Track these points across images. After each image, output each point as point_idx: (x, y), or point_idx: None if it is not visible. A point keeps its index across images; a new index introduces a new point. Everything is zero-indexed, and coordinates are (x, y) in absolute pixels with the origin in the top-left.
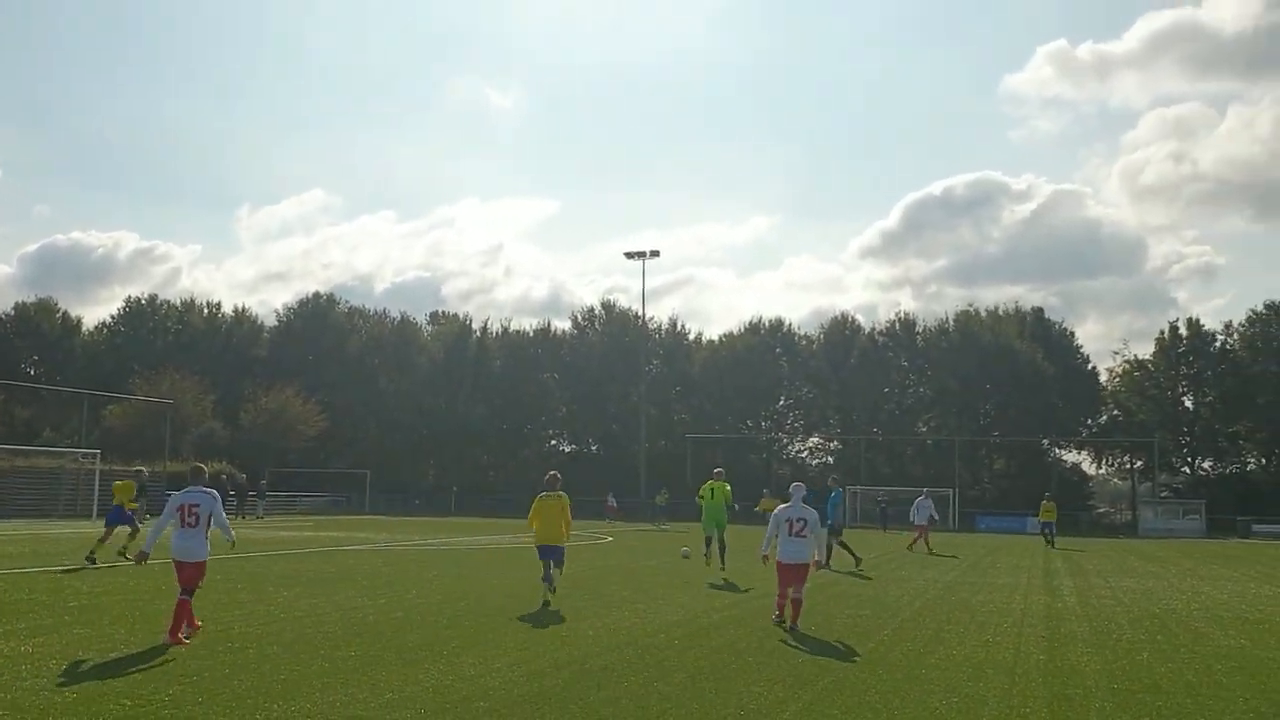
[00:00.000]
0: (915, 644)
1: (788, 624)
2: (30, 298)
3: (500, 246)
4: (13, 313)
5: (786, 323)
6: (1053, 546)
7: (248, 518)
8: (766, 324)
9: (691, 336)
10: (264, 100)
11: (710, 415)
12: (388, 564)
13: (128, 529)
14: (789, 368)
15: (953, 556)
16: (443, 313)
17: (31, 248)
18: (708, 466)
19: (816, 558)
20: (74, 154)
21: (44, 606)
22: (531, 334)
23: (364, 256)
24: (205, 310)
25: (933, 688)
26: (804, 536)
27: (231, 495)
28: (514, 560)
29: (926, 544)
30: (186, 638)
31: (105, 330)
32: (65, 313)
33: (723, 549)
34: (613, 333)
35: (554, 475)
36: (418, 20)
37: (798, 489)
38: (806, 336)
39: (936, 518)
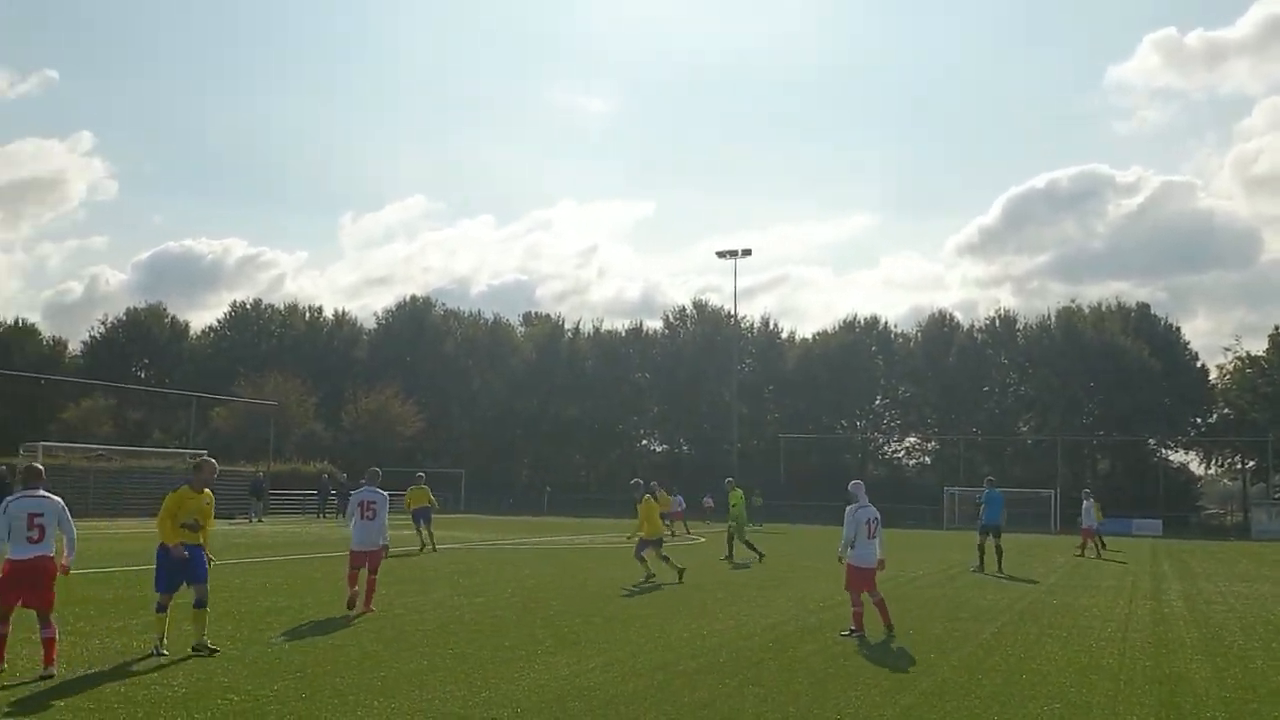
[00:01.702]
0: (1016, 648)
1: (883, 625)
2: (142, 304)
3: (595, 248)
4: (124, 318)
5: (883, 320)
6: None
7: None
8: (862, 321)
9: (785, 335)
10: (367, 110)
11: (804, 414)
12: (483, 563)
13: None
14: (885, 366)
15: (1119, 559)
16: (535, 314)
17: (144, 255)
18: (801, 466)
19: (881, 556)
20: (186, 165)
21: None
22: (623, 334)
23: (462, 260)
24: (307, 314)
25: (1035, 693)
26: (876, 537)
27: (333, 494)
28: (607, 560)
29: (1096, 546)
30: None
31: (212, 334)
32: (174, 317)
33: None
34: (704, 332)
35: (638, 482)
36: (514, 28)
37: (859, 486)
38: (904, 334)
39: (1094, 521)
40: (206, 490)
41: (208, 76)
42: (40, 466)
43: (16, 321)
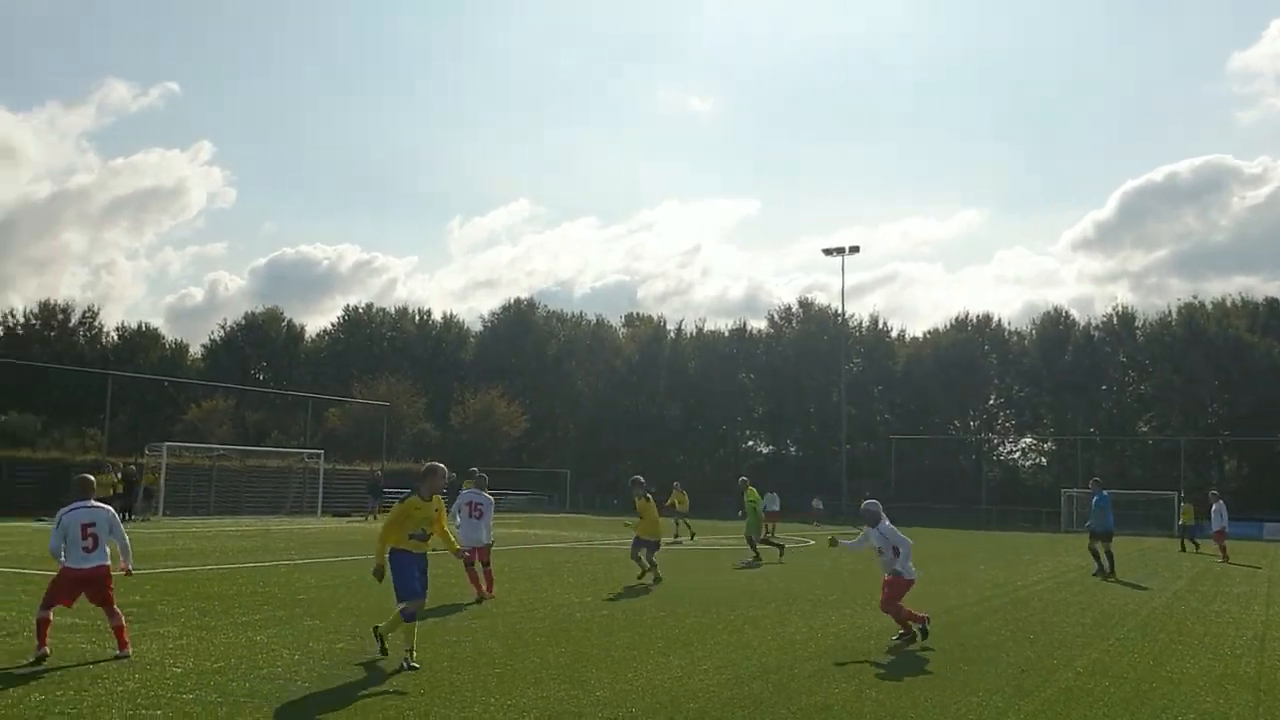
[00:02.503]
0: (1145, 655)
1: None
2: (259, 308)
3: (698, 248)
4: (243, 322)
5: (995, 318)
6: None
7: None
8: (974, 319)
9: (894, 334)
10: (475, 116)
11: (915, 415)
12: (593, 562)
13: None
14: (999, 364)
15: (1256, 563)
16: (638, 314)
17: (261, 261)
18: (912, 468)
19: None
20: (301, 173)
21: (276, 599)
22: (727, 334)
23: (566, 262)
24: (416, 317)
25: (1168, 702)
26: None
27: (444, 493)
28: (715, 561)
29: (1220, 550)
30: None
31: (326, 337)
32: (290, 321)
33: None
34: (811, 331)
35: (637, 480)
36: (620, 30)
37: (876, 506)
38: (1018, 332)
39: (1225, 523)
40: (436, 498)
41: (320, 86)
42: (91, 478)
43: (141, 326)
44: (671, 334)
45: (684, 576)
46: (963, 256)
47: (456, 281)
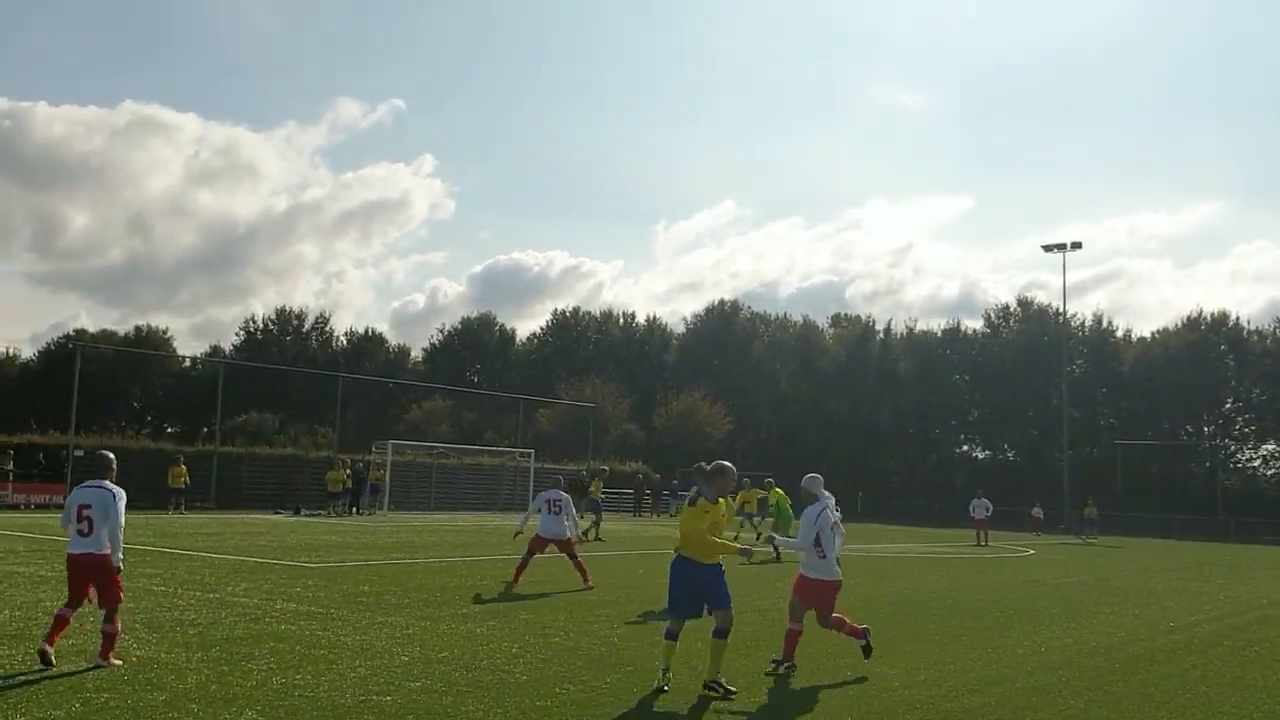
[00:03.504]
0: None
1: (861, 644)
2: (474, 313)
3: (909, 246)
4: (459, 326)
5: (1233, 316)
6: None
7: (661, 515)
8: (1209, 318)
9: (1119, 333)
10: (680, 119)
11: (1142, 420)
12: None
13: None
14: (1237, 366)
15: None
16: (845, 315)
17: (477, 269)
18: (1140, 475)
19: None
20: (514, 182)
21: (493, 593)
22: (939, 334)
23: (771, 263)
24: (621, 320)
25: None
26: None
27: (648, 494)
28: (929, 570)
29: None
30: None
31: (535, 340)
32: (503, 325)
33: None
34: (1030, 331)
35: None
36: (831, 28)
37: (816, 481)
38: (1258, 331)
39: None
40: (723, 500)
41: (530, 98)
42: (109, 455)
43: (367, 331)
44: (880, 334)
45: (896, 585)
46: (1195, 251)
47: (661, 284)
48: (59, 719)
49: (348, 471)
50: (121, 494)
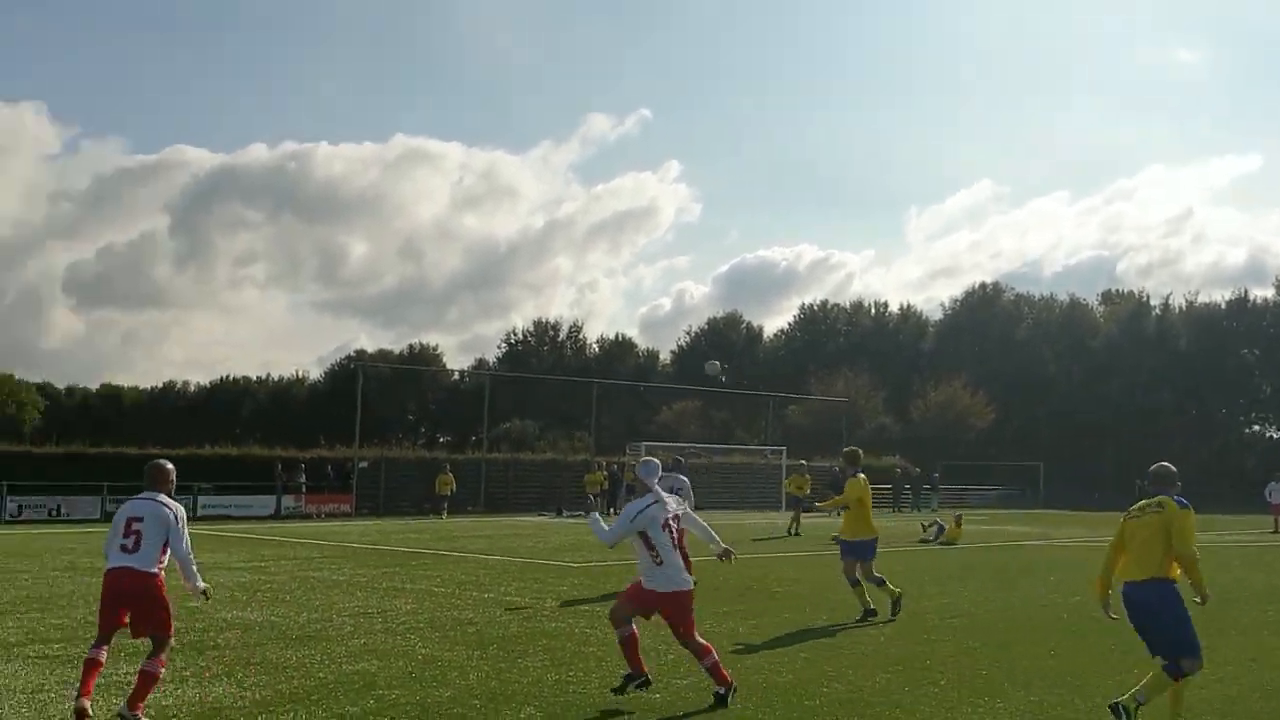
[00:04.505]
0: None
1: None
2: (720, 313)
3: (1188, 213)
4: (705, 327)
5: None
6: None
7: (922, 510)
8: None
9: None
10: (927, 101)
11: None
12: (1069, 560)
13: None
14: None
15: None
16: (1117, 291)
17: (723, 269)
18: None
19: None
20: (758, 180)
21: (753, 592)
22: (1224, 306)
23: (1034, 241)
24: (872, 310)
25: None
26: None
27: (907, 489)
28: (1222, 562)
29: None
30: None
31: (783, 336)
32: (749, 323)
33: None
34: None
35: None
36: None
37: (649, 468)
38: None
39: None
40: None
41: (772, 95)
42: (162, 464)
43: (618, 336)
44: (1157, 310)
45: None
46: None
47: (914, 272)
48: (355, 714)
49: (604, 473)
50: (182, 513)
